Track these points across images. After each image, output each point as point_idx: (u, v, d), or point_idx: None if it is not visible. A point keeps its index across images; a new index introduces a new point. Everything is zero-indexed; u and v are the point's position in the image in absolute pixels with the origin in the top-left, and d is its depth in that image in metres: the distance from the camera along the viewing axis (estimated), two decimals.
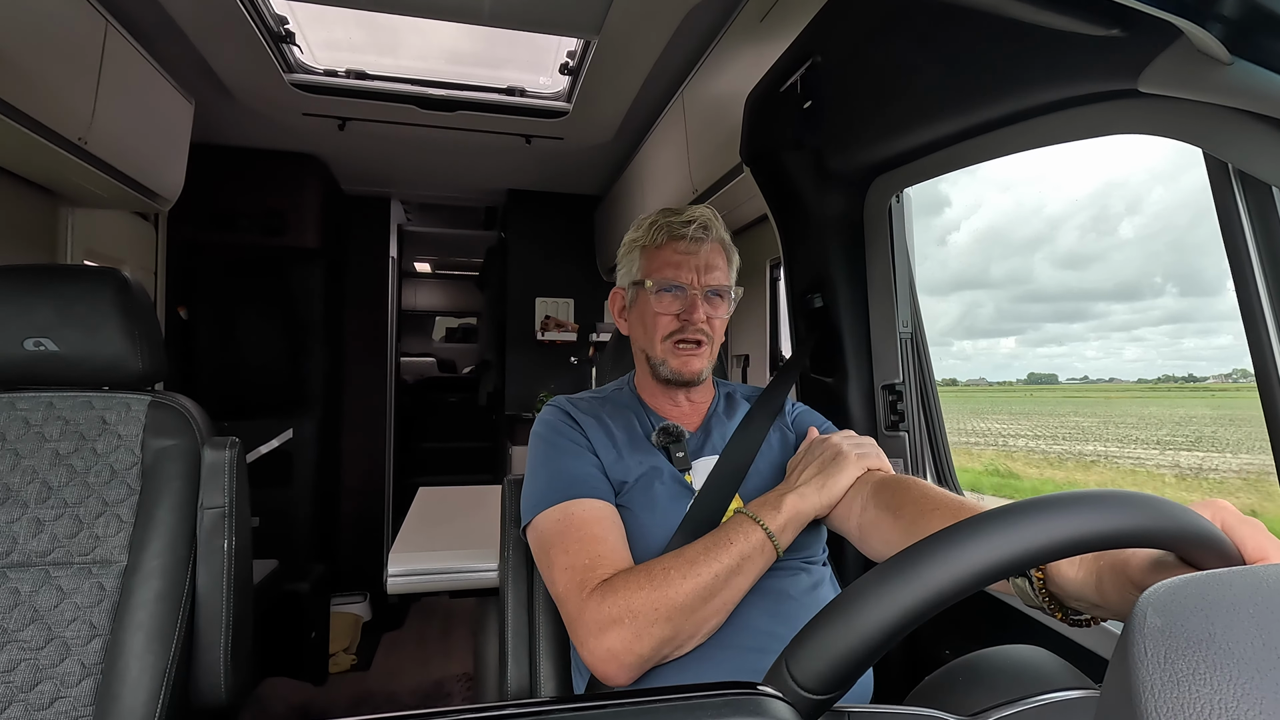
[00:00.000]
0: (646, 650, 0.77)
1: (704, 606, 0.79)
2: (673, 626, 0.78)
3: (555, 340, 3.33)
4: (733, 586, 0.81)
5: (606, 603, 0.78)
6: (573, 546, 0.85)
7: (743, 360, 2.41)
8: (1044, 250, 2.44)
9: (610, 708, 0.36)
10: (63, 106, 1.52)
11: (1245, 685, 0.25)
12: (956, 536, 0.39)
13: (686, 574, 0.79)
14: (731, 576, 0.80)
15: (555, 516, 0.89)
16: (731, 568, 0.80)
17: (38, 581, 1.11)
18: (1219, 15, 0.64)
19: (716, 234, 1.03)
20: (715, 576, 0.79)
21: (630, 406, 1.07)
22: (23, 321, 1.16)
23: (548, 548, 0.88)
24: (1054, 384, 2.15)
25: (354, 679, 2.84)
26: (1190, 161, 0.82)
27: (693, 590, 0.78)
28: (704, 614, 0.80)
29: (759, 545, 0.83)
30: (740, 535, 0.83)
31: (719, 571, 0.80)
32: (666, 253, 1.02)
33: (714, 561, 0.80)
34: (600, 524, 0.88)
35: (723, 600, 0.81)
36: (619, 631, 0.77)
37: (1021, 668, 0.49)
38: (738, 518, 0.85)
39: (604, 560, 0.83)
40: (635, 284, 1.06)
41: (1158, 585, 0.30)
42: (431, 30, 1.90)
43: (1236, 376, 1.61)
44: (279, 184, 2.88)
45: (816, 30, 1.29)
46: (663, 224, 1.02)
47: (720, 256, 1.04)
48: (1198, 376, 1.67)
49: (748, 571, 0.82)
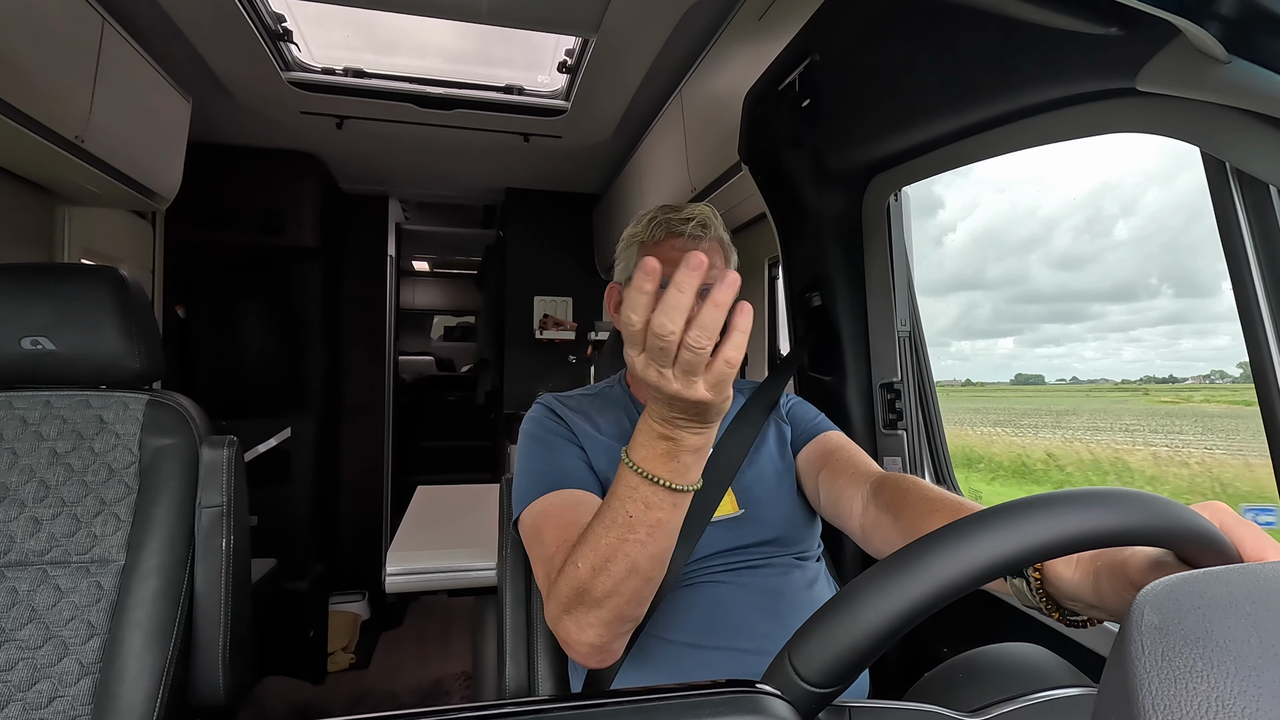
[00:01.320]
0: (595, 638, 0.73)
1: (604, 577, 0.70)
2: (606, 611, 0.72)
3: (554, 339, 3.33)
4: (632, 543, 0.68)
5: (553, 598, 0.76)
6: (547, 537, 0.84)
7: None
8: (1039, 251, 2.47)
9: (609, 706, 0.36)
10: (59, 104, 1.51)
11: (1242, 683, 0.25)
12: (960, 532, 0.39)
13: (583, 550, 0.71)
14: (624, 533, 0.68)
15: (537, 509, 0.89)
16: (618, 522, 0.68)
17: (35, 580, 1.11)
18: (1217, 14, 0.64)
19: (715, 232, 1.03)
20: (606, 544, 0.69)
21: (621, 403, 1.08)
22: (20, 320, 1.16)
23: (530, 542, 0.88)
24: (1040, 384, 2.21)
25: (352, 678, 2.84)
26: (1186, 163, 0.82)
27: (589, 567, 0.70)
28: (631, 586, 0.70)
29: (633, 487, 0.67)
30: (633, 497, 0.68)
31: (606, 536, 0.69)
32: (664, 249, 1.01)
33: (599, 526, 0.70)
34: (576, 510, 0.85)
35: (627, 560, 0.69)
36: (566, 623, 0.74)
37: (1020, 665, 0.49)
38: (618, 483, 0.70)
39: (569, 548, 0.80)
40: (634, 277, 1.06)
41: (1155, 583, 0.30)
42: (430, 29, 1.90)
43: (1214, 377, 1.63)
44: (277, 183, 2.87)
45: (815, 29, 1.29)
46: (661, 220, 1.02)
47: (718, 255, 1.03)
48: (1178, 377, 1.70)
49: (643, 520, 0.68)
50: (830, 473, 0.97)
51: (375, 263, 3.59)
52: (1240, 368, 1.46)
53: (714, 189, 1.91)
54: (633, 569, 0.69)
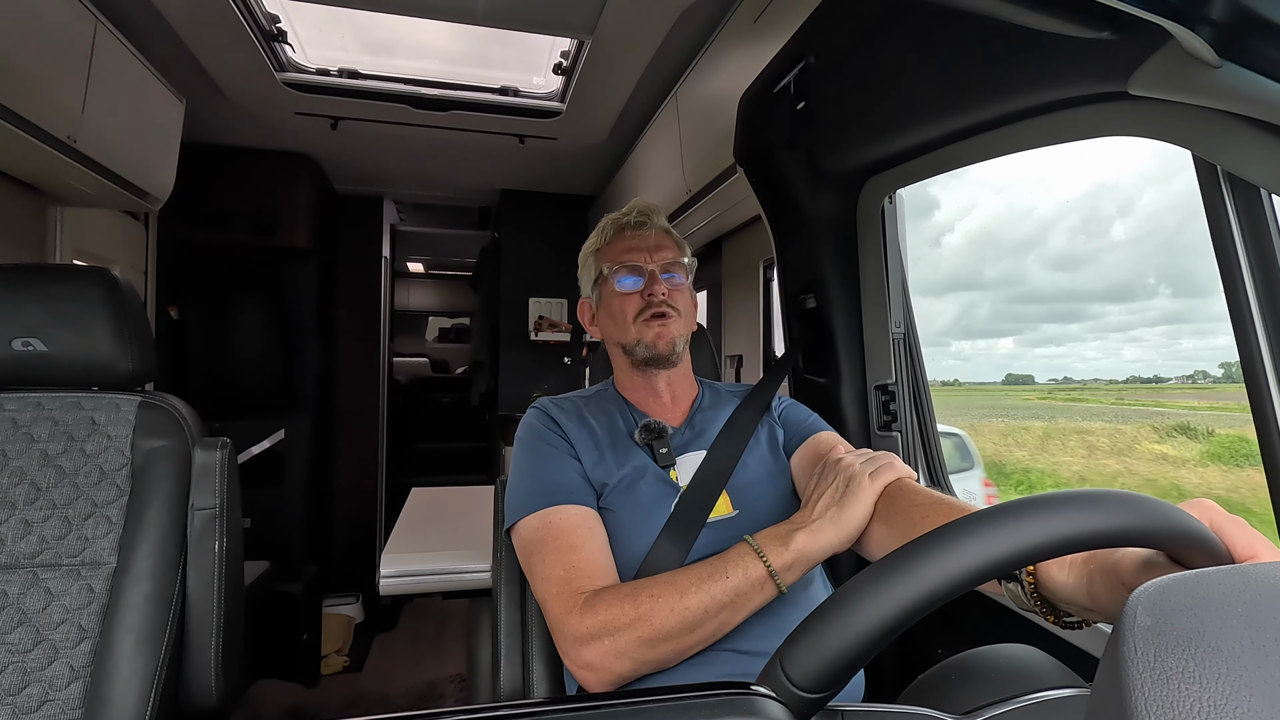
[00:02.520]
0: (625, 670, 0.77)
1: (688, 636, 0.76)
2: (655, 652, 0.76)
3: (549, 340, 3.32)
4: (722, 620, 0.76)
5: (588, 618, 0.78)
6: (550, 556, 0.86)
7: (736, 361, 2.41)
8: (1036, 252, 2.47)
9: (604, 708, 0.36)
10: (52, 104, 1.51)
11: (1234, 683, 0.25)
12: (950, 535, 0.39)
13: (674, 605, 0.76)
14: (722, 611, 0.76)
15: (535, 524, 0.90)
16: (724, 603, 0.76)
17: (26, 584, 1.10)
18: (1208, 19, 0.64)
19: (658, 221, 1.10)
20: (704, 611, 0.76)
21: (615, 403, 1.08)
22: (11, 321, 1.15)
23: (529, 555, 0.89)
24: (1030, 384, 2.38)
25: (346, 680, 2.82)
26: (1181, 165, 0.82)
27: (678, 623, 0.75)
28: (688, 642, 0.77)
29: (758, 582, 0.76)
30: (739, 569, 0.77)
31: (709, 606, 0.76)
32: (617, 244, 1.08)
33: (704, 594, 0.76)
34: (576, 532, 0.88)
35: (709, 631, 0.77)
36: (597, 648, 0.77)
37: (1013, 666, 0.49)
38: (741, 548, 0.79)
39: (580, 571, 0.84)
40: (597, 281, 1.10)
41: (1147, 584, 0.30)
42: (424, 30, 1.90)
43: (1197, 378, 1.69)
44: (271, 183, 2.86)
45: (809, 31, 1.29)
46: (608, 223, 1.11)
47: (669, 240, 1.10)
48: (1162, 378, 1.75)
49: (741, 608, 0.77)
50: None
51: (370, 264, 3.58)
52: (1223, 368, 1.50)
53: (709, 191, 1.92)
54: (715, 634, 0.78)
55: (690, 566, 0.79)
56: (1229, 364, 0.76)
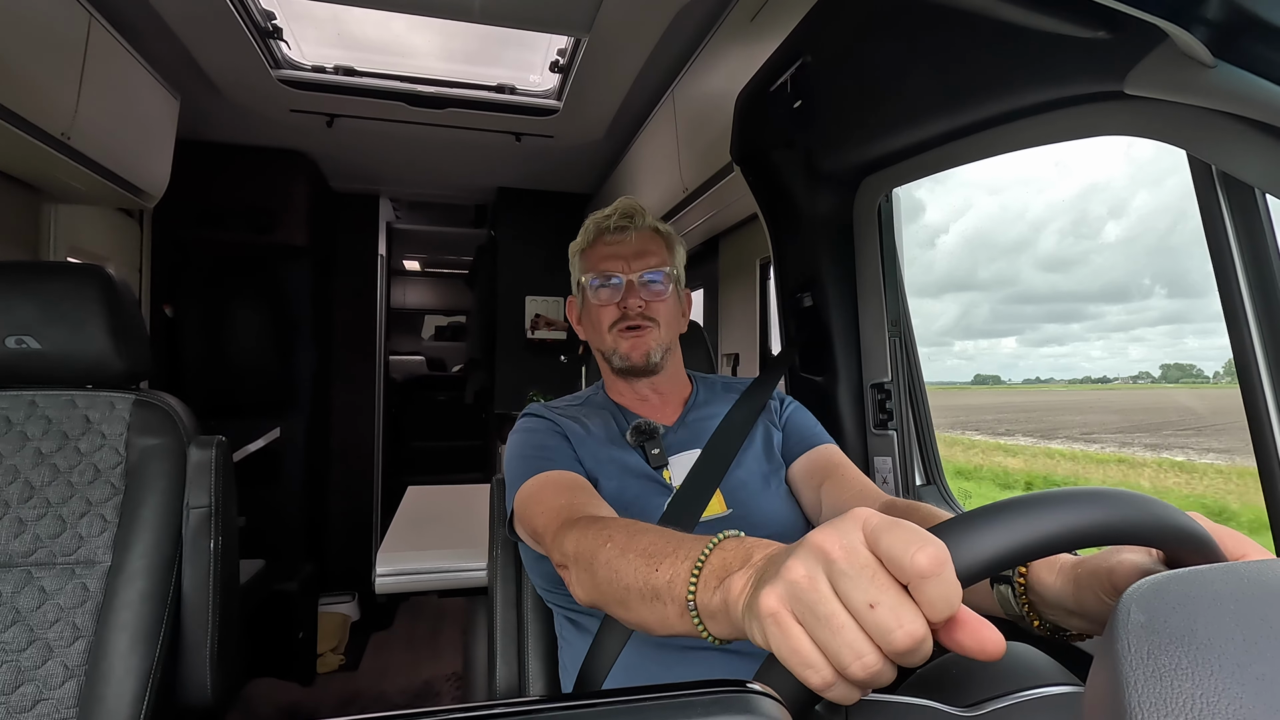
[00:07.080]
0: (589, 601, 0.69)
1: (619, 609, 0.64)
2: (599, 594, 0.66)
3: (545, 339, 3.32)
4: (642, 620, 0.61)
5: (559, 541, 0.74)
6: (547, 496, 0.85)
7: (733, 359, 2.41)
8: (1029, 253, 2.49)
9: (599, 706, 0.36)
10: (45, 101, 1.50)
11: (1226, 680, 0.25)
12: (949, 531, 0.39)
13: (613, 563, 0.63)
14: (642, 604, 0.59)
15: (531, 484, 0.89)
16: (645, 595, 0.58)
17: (19, 582, 1.09)
18: (1203, 19, 0.64)
19: (643, 222, 1.06)
20: (627, 590, 0.61)
21: (607, 407, 1.08)
22: (4, 319, 1.15)
23: (528, 506, 0.87)
24: (998, 383, 2.39)
25: (342, 679, 2.82)
26: (1175, 165, 0.83)
27: (607, 578, 0.63)
28: (620, 615, 0.65)
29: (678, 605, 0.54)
30: (671, 570, 0.56)
31: (632, 584, 0.60)
32: (598, 249, 1.06)
33: (637, 571, 0.60)
34: (576, 482, 0.88)
35: (634, 622, 0.63)
36: (567, 575, 0.73)
37: (1012, 663, 0.50)
38: (704, 542, 0.55)
39: (578, 506, 0.80)
40: (578, 286, 1.09)
41: (1141, 582, 0.30)
42: (421, 27, 1.89)
43: (1173, 375, 1.71)
44: (266, 181, 2.85)
45: (806, 30, 1.29)
46: (591, 224, 1.08)
47: (654, 243, 1.06)
48: (1154, 375, 1.78)
49: (656, 627, 0.59)
50: (835, 485, 0.97)
51: (366, 262, 3.57)
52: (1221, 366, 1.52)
53: (706, 189, 1.92)
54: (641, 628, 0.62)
55: (658, 533, 0.63)
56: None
